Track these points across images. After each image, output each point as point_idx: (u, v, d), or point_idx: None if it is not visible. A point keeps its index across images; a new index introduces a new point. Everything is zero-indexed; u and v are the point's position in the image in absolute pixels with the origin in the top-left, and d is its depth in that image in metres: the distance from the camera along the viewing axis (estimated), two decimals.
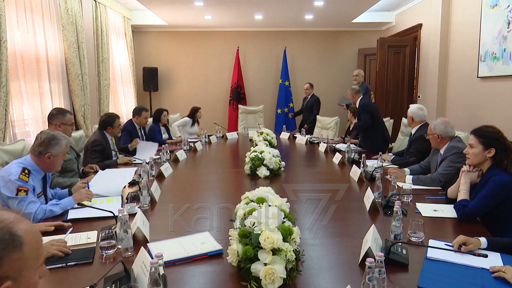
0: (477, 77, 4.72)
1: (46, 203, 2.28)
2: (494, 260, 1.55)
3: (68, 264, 1.56)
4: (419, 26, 6.29)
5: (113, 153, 3.76)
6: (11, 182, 2.08)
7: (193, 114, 5.89)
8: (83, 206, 2.05)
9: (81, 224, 2.01)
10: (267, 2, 5.93)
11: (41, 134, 2.34)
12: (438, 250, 1.61)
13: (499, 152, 2.07)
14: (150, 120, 5.29)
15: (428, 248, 1.66)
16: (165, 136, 5.35)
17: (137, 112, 4.70)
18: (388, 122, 5.66)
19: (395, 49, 6.90)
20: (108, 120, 3.77)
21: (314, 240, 1.80)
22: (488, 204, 1.98)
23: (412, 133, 3.59)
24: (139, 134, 4.68)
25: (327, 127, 5.84)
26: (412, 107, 3.60)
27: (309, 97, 6.61)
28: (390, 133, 5.57)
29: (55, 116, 3.10)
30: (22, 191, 2.08)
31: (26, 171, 2.16)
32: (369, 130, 4.58)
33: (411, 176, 2.82)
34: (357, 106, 4.74)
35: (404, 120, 5.17)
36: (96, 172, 3.08)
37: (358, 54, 8.26)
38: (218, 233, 1.83)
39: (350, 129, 5.57)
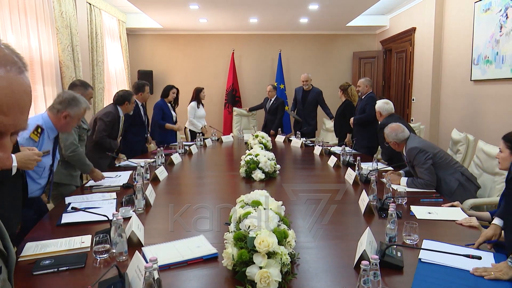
0: (470, 80, 4.76)
1: (52, 164, 2.38)
2: (488, 261, 1.56)
3: (60, 269, 1.54)
4: (413, 29, 6.34)
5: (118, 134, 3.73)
6: (23, 139, 2.13)
7: (197, 95, 5.84)
8: (76, 210, 2.04)
9: (75, 228, 1.99)
10: (262, 6, 5.95)
11: (63, 93, 2.37)
12: (432, 253, 1.61)
13: None
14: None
15: (422, 250, 1.66)
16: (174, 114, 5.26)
17: (139, 88, 4.40)
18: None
19: (390, 54, 6.95)
20: (126, 95, 3.77)
21: (310, 243, 1.80)
22: None
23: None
24: (141, 112, 4.43)
25: (331, 130, 5.92)
26: (379, 103, 3.87)
27: (272, 99, 6.52)
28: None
29: (78, 87, 3.23)
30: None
31: (39, 130, 2.20)
32: (366, 126, 4.62)
33: (406, 179, 2.84)
34: (362, 97, 4.80)
35: None
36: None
37: (353, 58, 8.30)
38: (213, 237, 1.83)
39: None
